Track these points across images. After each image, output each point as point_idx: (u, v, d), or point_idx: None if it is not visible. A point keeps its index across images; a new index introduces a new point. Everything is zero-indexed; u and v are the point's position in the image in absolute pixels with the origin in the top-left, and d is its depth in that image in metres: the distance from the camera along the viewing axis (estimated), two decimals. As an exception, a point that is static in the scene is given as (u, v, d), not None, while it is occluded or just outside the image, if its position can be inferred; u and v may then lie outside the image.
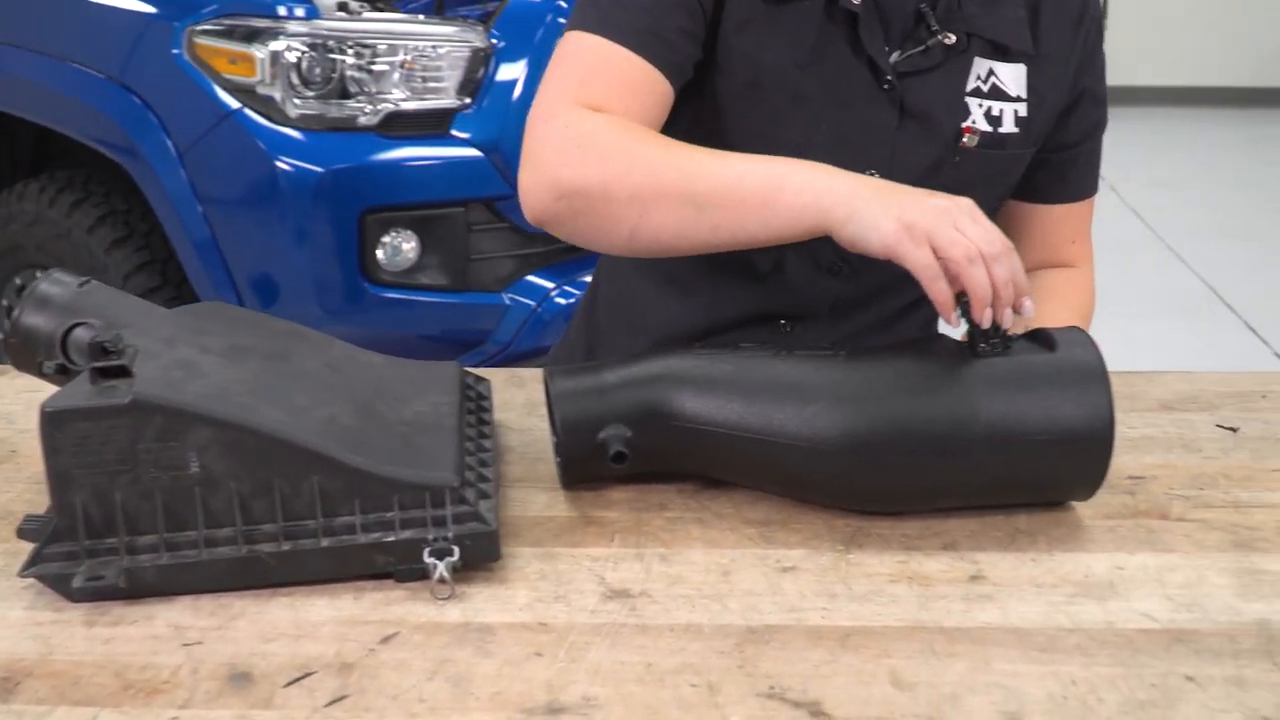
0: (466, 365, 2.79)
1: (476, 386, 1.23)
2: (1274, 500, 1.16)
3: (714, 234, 1.16)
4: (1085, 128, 1.42)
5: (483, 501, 1.04)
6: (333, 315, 2.66)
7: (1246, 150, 6.65)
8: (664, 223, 1.16)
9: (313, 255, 2.60)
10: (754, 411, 1.08)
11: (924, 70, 1.30)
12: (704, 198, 1.15)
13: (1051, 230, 1.47)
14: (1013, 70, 1.33)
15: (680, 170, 1.16)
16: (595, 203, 1.18)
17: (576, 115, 1.20)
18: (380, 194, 2.60)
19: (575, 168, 1.18)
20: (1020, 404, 1.06)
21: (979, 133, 1.33)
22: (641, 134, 1.19)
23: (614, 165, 1.17)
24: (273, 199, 2.58)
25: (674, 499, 1.14)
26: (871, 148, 1.31)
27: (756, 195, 1.14)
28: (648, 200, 1.16)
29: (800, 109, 1.30)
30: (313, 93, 2.58)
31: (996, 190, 1.40)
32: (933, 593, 1.01)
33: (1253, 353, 4.10)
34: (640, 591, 1.01)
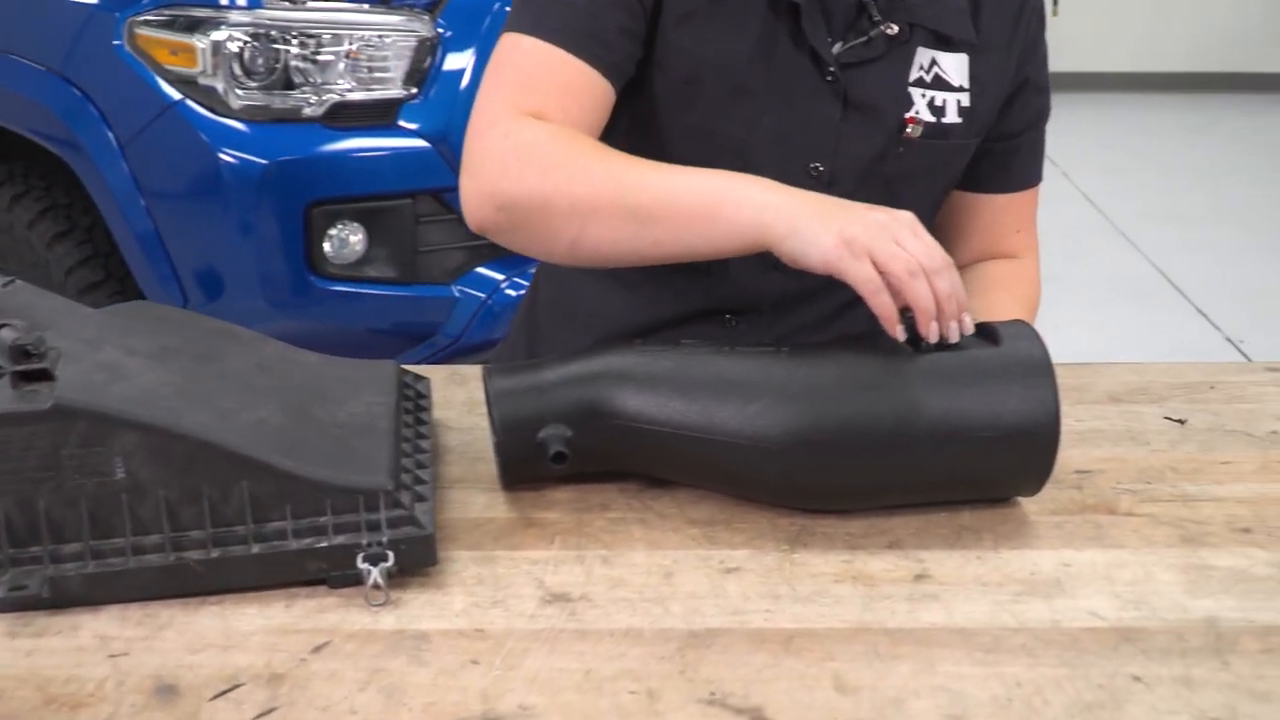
0: (417, 358, 2.81)
1: (415, 385, 1.20)
2: (1222, 494, 1.14)
3: (655, 248, 1.15)
4: (1028, 117, 1.41)
5: (419, 505, 1.01)
6: (279, 309, 2.62)
7: (1195, 134, 6.67)
8: (604, 236, 1.15)
9: (258, 249, 2.56)
10: (695, 410, 1.06)
11: (867, 61, 1.28)
12: (644, 211, 1.13)
13: (995, 220, 1.45)
14: (955, 60, 1.32)
15: (620, 183, 1.14)
16: (535, 215, 1.17)
17: (516, 124, 1.18)
18: (326, 186, 2.56)
19: (515, 179, 1.16)
20: (965, 400, 1.05)
21: (922, 123, 1.31)
22: (583, 144, 1.18)
23: (554, 178, 1.15)
24: (216, 192, 2.54)
25: (616, 499, 1.12)
26: (815, 140, 1.29)
27: (696, 210, 1.12)
28: (587, 213, 1.15)
29: (742, 103, 1.28)
30: (256, 83, 2.53)
31: (941, 181, 1.38)
32: (877, 593, 1.00)
33: (1203, 337, 4.11)
34: (580, 595, 0.99)
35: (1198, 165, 6.09)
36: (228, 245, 2.58)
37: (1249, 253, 4.85)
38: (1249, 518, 1.10)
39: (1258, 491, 1.15)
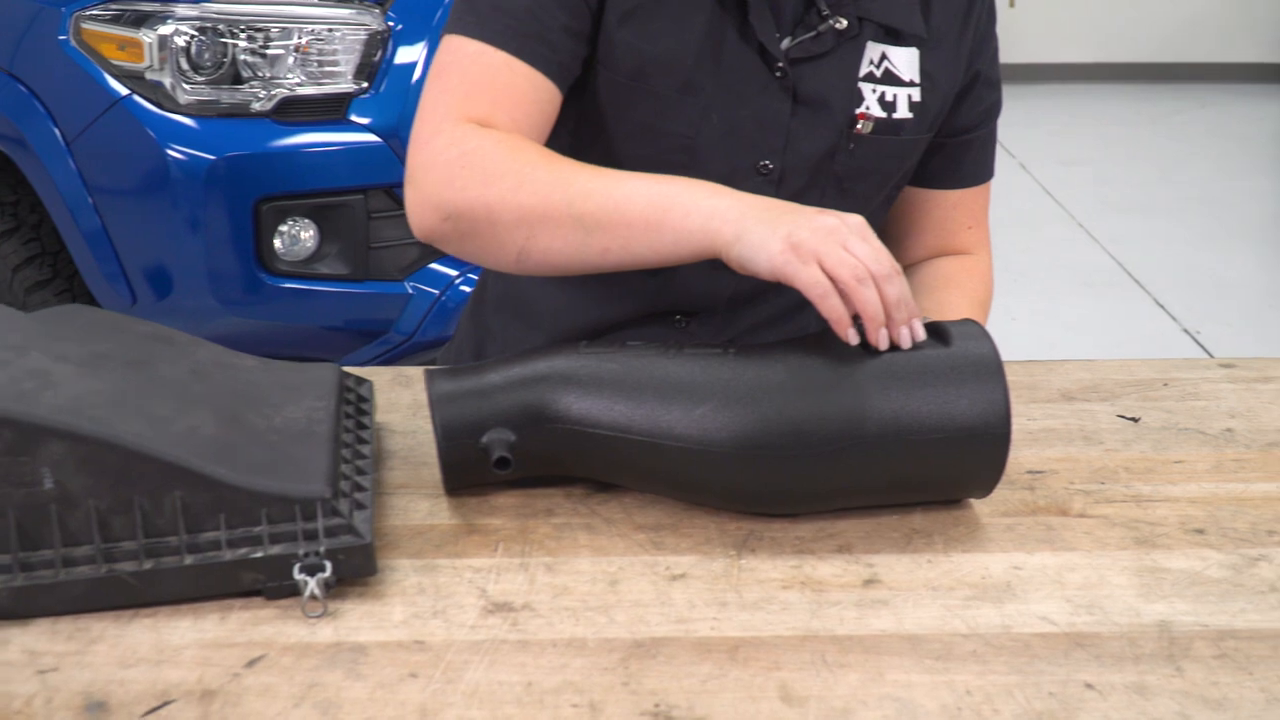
0: (370, 355, 2.78)
1: (357, 389, 1.18)
2: (1175, 494, 1.13)
3: (603, 257, 1.13)
4: (980, 112, 1.39)
5: (358, 513, 0.99)
6: (229, 307, 2.59)
7: (1152, 125, 6.69)
8: (552, 246, 1.14)
9: (207, 246, 2.53)
10: (641, 413, 1.04)
11: (816, 56, 1.27)
12: (591, 220, 1.12)
13: (947, 216, 1.44)
14: (905, 54, 1.30)
15: (566, 192, 1.12)
16: (481, 225, 1.15)
17: (461, 133, 1.16)
18: (276, 182, 2.53)
19: (459, 189, 1.14)
20: (914, 401, 1.03)
21: (873, 119, 1.29)
22: (528, 152, 1.15)
23: (499, 187, 1.14)
24: (164, 188, 2.50)
25: (562, 504, 1.10)
26: (765, 137, 1.28)
27: (643, 218, 1.10)
28: (534, 223, 1.13)
29: (689, 100, 1.26)
30: (203, 78, 2.50)
31: (892, 177, 1.36)
32: (826, 599, 0.98)
33: (1160, 328, 4.12)
34: (523, 604, 0.96)
35: (1155, 156, 6.11)
36: (176, 242, 2.54)
37: (1206, 243, 4.86)
38: (1202, 518, 1.09)
39: (1211, 491, 1.14)
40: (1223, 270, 4.59)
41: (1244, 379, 1.36)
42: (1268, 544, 1.06)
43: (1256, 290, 4.48)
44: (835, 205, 1.30)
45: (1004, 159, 5.95)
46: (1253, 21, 7.55)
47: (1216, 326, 4.11)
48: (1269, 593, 0.99)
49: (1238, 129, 6.64)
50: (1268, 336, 4.05)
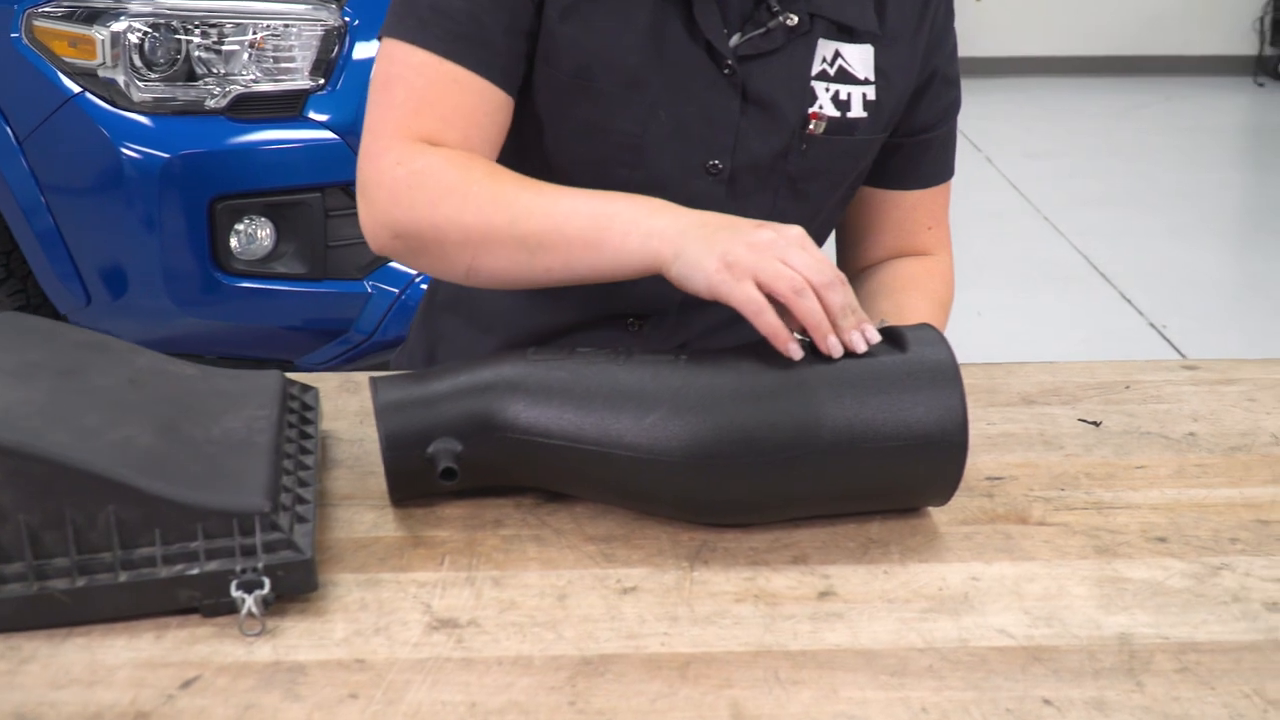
0: (330, 355, 2.75)
1: (301, 396, 1.15)
2: (1136, 500, 1.11)
3: (548, 275, 1.13)
4: (938, 111, 1.37)
5: (298, 526, 0.96)
6: (185, 307, 2.55)
7: (1118, 119, 6.69)
8: (497, 265, 1.15)
9: (162, 245, 2.50)
10: (590, 421, 1.01)
11: (766, 54, 1.24)
12: (533, 240, 1.12)
13: (907, 217, 1.41)
14: (860, 51, 1.28)
15: (509, 212, 1.13)
16: (429, 244, 1.16)
17: (408, 152, 1.16)
18: (231, 180, 2.50)
19: (407, 209, 1.15)
20: (869, 408, 1.01)
21: (826, 118, 1.27)
22: (474, 171, 1.15)
23: (445, 208, 1.14)
24: (118, 187, 2.47)
25: (511, 514, 1.07)
26: (713, 136, 1.25)
27: (583, 237, 1.10)
28: (479, 243, 1.14)
29: (635, 97, 1.23)
30: (157, 75, 2.46)
31: (847, 177, 1.34)
32: (779, 612, 0.95)
33: (1127, 322, 4.12)
34: (469, 621, 0.94)
35: (1121, 149, 6.11)
36: (130, 242, 2.51)
37: (1172, 237, 4.87)
38: (1164, 526, 1.07)
39: (1173, 498, 1.12)
40: (1190, 264, 4.59)
41: (1207, 381, 1.34)
42: (1230, 552, 1.04)
43: (1223, 284, 4.49)
44: (788, 206, 1.28)
45: (970, 153, 5.95)
46: (1217, 14, 7.57)
47: (1184, 321, 4.11)
48: (1231, 603, 0.97)
49: (1203, 122, 6.65)
50: (1234, 331, 4.05)
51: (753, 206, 1.28)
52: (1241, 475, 1.16)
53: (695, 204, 1.23)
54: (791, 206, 1.30)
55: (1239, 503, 1.11)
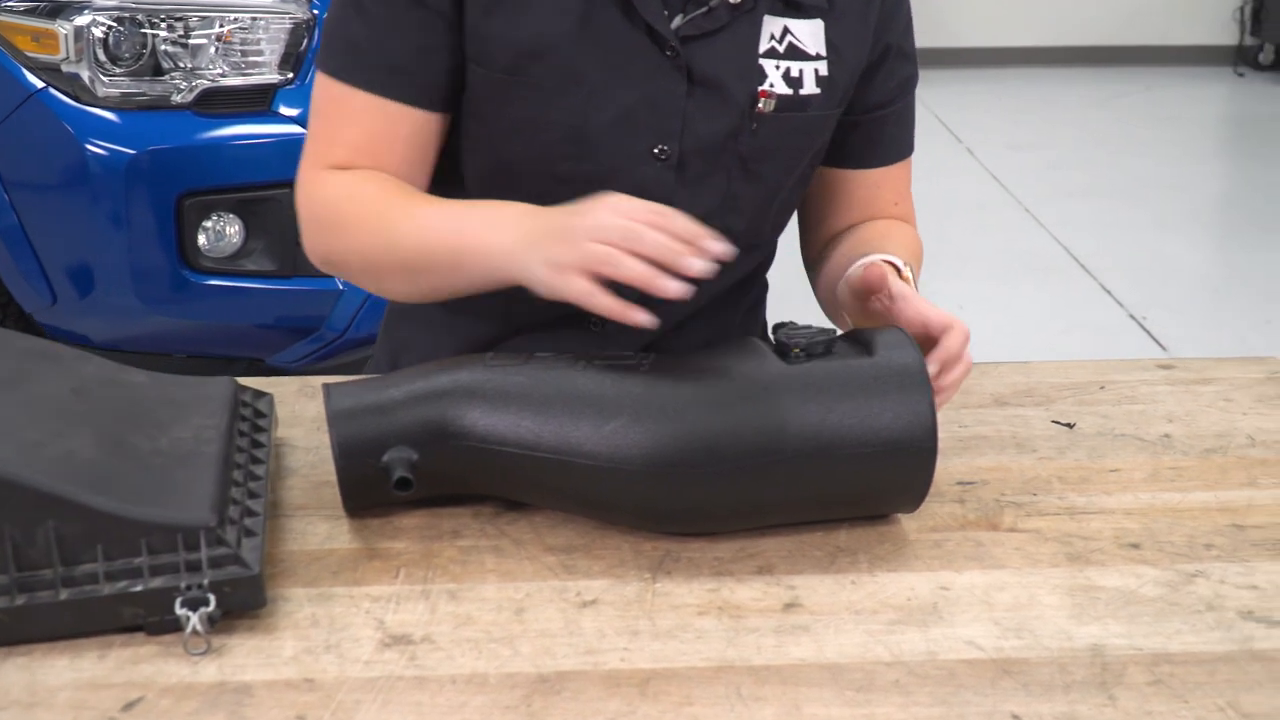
0: (302, 354, 2.71)
1: (254, 403, 1.12)
2: (1110, 505, 1.09)
3: (435, 291, 1.21)
4: (894, 87, 1.33)
5: (246, 540, 0.93)
6: (153, 306, 2.51)
7: (1098, 109, 6.67)
8: (397, 286, 1.25)
9: (129, 243, 2.45)
10: (549, 429, 0.99)
11: (710, 33, 1.20)
12: (410, 265, 1.18)
13: (871, 195, 1.38)
14: (810, 27, 1.24)
15: (388, 240, 1.18)
16: (345, 271, 1.27)
17: (318, 185, 1.22)
18: (199, 176, 2.46)
19: (318, 241, 1.24)
20: (835, 414, 0.98)
21: (776, 96, 1.23)
22: (367, 199, 1.19)
23: (343, 239, 1.22)
24: (83, 184, 2.43)
25: (469, 525, 1.05)
26: (660, 122, 1.22)
27: (447, 262, 1.16)
28: (373, 270, 1.23)
29: (573, 89, 1.20)
30: (122, 70, 2.42)
31: (803, 156, 1.30)
32: (743, 625, 0.93)
33: (1107, 315, 4.10)
34: (423, 637, 0.91)
35: (1102, 140, 6.09)
36: (96, 239, 2.47)
37: (1152, 228, 4.85)
38: (1138, 532, 1.05)
39: (1147, 502, 1.09)
40: (1170, 255, 4.57)
41: (1183, 380, 1.32)
42: (1204, 558, 1.01)
43: (1203, 275, 4.47)
44: (742, 188, 1.26)
45: (951, 144, 5.93)
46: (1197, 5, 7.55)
47: (1163, 312, 4.09)
48: (1205, 612, 0.95)
49: (1184, 112, 6.63)
50: (1214, 322, 4.03)
51: (705, 190, 1.25)
52: (1217, 478, 1.13)
53: (645, 192, 1.20)
54: (745, 189, 1.27)
55: (1214, 507, 1.09)
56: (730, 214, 1.27)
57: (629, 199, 1.05)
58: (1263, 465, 1.15)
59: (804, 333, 1.01)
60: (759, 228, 1.32)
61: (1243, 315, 4.08)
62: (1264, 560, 1.01)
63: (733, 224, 1.27)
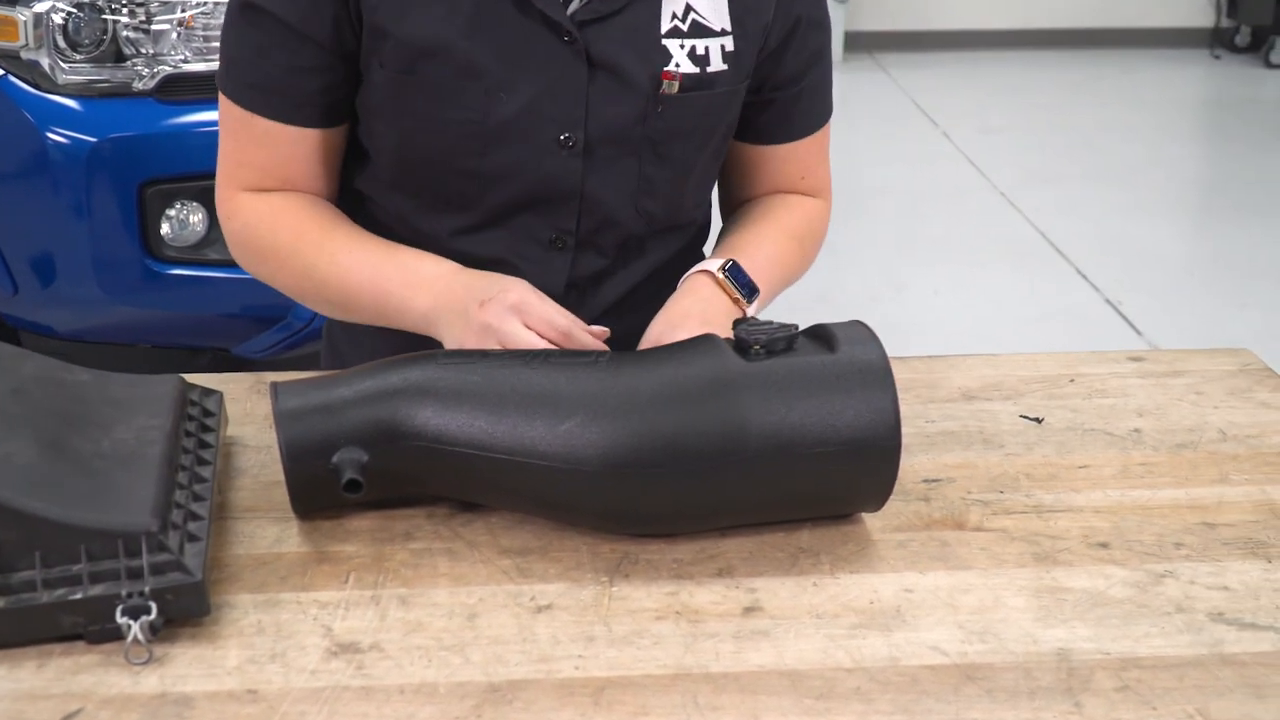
0: (270, 343, 2.68)
1: (202, 402, 1.09)
2: (1078, 503, 1.07)
3: (361, 320, 1.26)
4: (806, 58, 1.29)
5: (189, 546, 0.90)
6: (116, 296, 2.47)
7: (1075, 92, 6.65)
8: (319, 308, 1.29)
9: (90, 232, 2.41)
10: (502, 429, 0.96)
11: (607, 16, 1.18)
12: (338, 303, 1.25)
13: (781, 169, 1.35)
14: (712, 3, 1.21)
15: (311, 279, 1.24)
16: (276, 289, 1.29)
17: (237, 210, 1.25)
18: (161, 164, 2.41)
19: (244, 262, 1.29)
20: (796, 413, 0.96)
21: (681, 75, 1.20)
22: (285, 236, 1.23)
23: (268, 266, 1.26)
24: (43, 172, 2.38)
25: (422, 526, 1.02)
26: (563, 110, 1.19)
27: (370, 310, 1.22)
28: (300, 296, 1.28)
29: (471, 85, 1.17)
30: (83, 56, 2.38)
31: (714, 134, 1.26)
32: (702, 630, 0.90)
33: (1083, 299, 4.08)
34: (371, 644, 0.88)
35: (1078, 124, 6.07)
36: (58, 229, 2.43)
37: (1129, 212, 4.83)
38: (1106, 530, 1.03)
39: (1116, 500, 1.07)
40: (1146, 240, 4.56)
41: (1154, 373, 1.29)
42: (1174, 558, 0.99)
43: (1179, 260, 4.46)
44: (654, 171, 1.24)
45: (927, 128, 5.90)
46: (1175, -14, 7.53)
47: (1139, 297, 4.08)
48: (1174, 614, 0.93)
49: (1160, 95, 6.62)
50: (1189, 308, 4.02)
51: (616, 176, 1.22)
52: (1187, 474, 1.11)
53: (555, 181, 1.19)
54: (658, 171, 1.24)
55: (1184, 504, 1.07)
56: (645, 197, 1.25)
57: (538, 302, 1.12)
58: (1234, 461, 1.13)
59: (765, 329, 0.99)
60: (677, 208, 1.29)
61: (1219, 300, 4.07)
62: (1234, 560, 0.99)
63: (649, 207, 1.25)
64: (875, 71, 6.90)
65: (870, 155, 5.32)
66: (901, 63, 7.05)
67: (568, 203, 1.23)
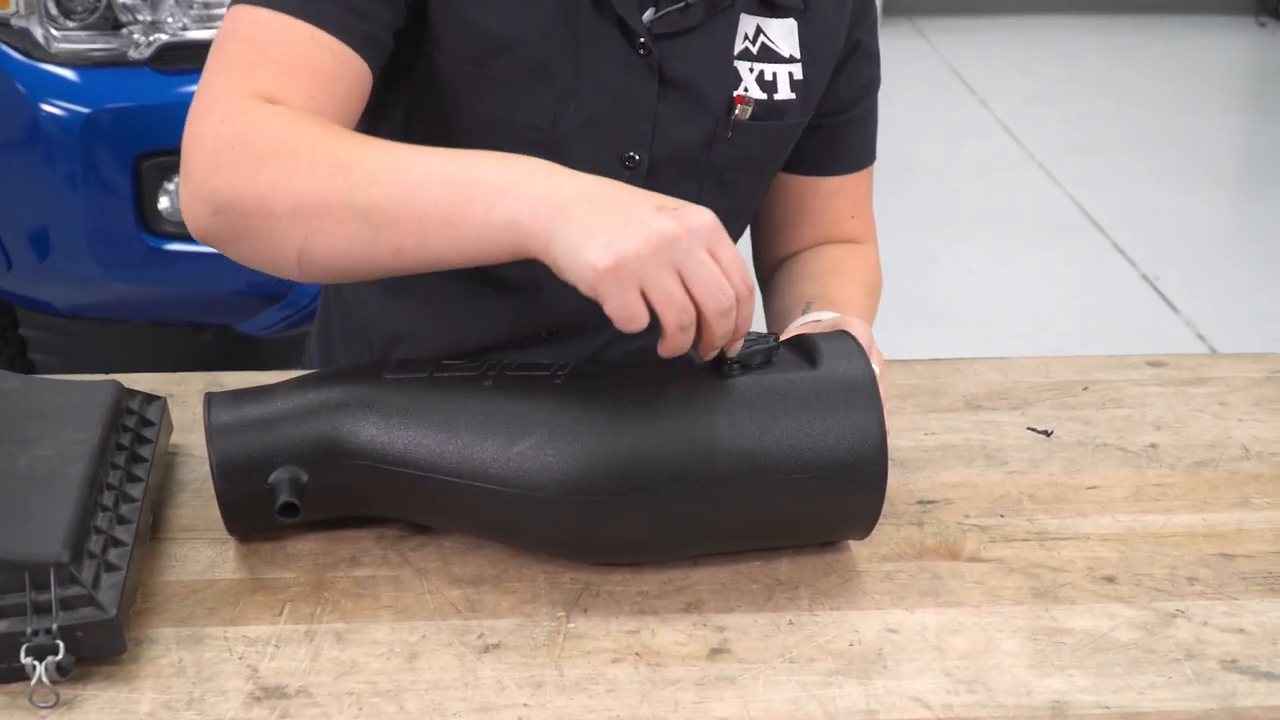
0: (272, 321, 2.61)
1: (141, 410, 1.01)
2: (1085, 529, 0.98)
3: (397, 258, 0.90)
4: (857, 88, 1.22)
5: (106, 576, 0.83)
6: (111, 272, 2.41)
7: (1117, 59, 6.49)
8: (335, 245, 0.90)
9: (85, 206, 2.34)
10: (451, 450, 0.88)
11: (684, 31, 1.09)
12: (377, 214, 0.88)
13: (828, 206, 1.26)
14: (783, 26, 1.13)
15: (349, 175, 0.89)
16: (254, 220, 0.92)
17: (238, 107, 0.94)
18: (158, 136, 2.33)
19: (228, 175, 0.92)
20: (772, 434, 0.87)
21: (753, 101, 1.12)
22: (311, 127, 0.93)
23: (271, 170, 0.91)
24: (36, 144, 2.31)
25: (369, 550, 0.94)
26: (630, 126, 1.10)
27: (439, 211, 0.87)
28: (311, 215, 0.90)
29: (541, 85, 1.07)
30: (76, 24, 2.31)
31: (776, 166, 1.19)
32: (662, 675, 0.82)
33: (1119, 275, 3.97)
34: (298, 689, 0.81)
35: (1119, 92, 5.92)
36: (52, 203, 2.36)
37: (1170, 184, 4.70)
38: (1114, 562, 0.94)
39: (1127, 526, 0.98)
40: (1185, 212, 4.43)
41: (1174, 381, 1.20)
42: (1186, 594, 0.91)
43: (1218, 233, 4.34)
44: (714, 201, 1.13)
45: (965, 96, 5.78)
46: (1220, -49, 7.36)
47: (1176, 272, 3.97)
48: (1184, 660, 0.84)
49: (1205, 63, 6.46)
50: (1229, 284, 3.90)
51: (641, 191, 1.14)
52: (1206, 497, 1.02)
53: None
54: (718, 201, 1.14)
55: (1200, 532, 0.98)
56: None
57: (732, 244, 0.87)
58: (1256, 482, 1.04)
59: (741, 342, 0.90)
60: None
61: (1260, 277, 3.95)
62: (1252, 598, 0.90)
63: None
64: (914, 38, 6.76)
65: (905, 125, 5.19)
66: (942, 28, 6.91)
67: None
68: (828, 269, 1.22)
